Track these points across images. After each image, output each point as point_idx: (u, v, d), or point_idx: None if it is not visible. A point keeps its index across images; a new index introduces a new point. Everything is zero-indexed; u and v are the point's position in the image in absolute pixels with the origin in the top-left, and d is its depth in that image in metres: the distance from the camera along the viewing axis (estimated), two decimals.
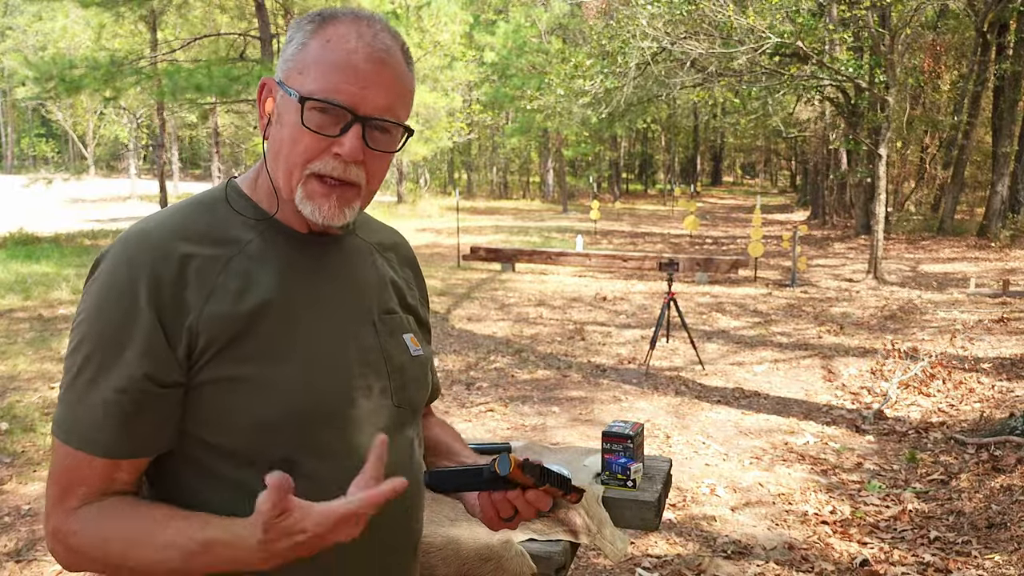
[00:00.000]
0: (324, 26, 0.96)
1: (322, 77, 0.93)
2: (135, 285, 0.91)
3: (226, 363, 0.93)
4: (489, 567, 1.62)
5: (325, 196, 0.96)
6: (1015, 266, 12.96)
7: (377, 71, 0.95)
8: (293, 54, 0.97)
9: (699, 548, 3.42)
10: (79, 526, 0.91)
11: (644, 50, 12.10)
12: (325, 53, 0.94)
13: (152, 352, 0.91)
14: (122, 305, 0.91)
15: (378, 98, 0.95)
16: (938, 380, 6.02)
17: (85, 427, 0.91)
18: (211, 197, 1.03)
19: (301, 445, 0.96)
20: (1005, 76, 17.05)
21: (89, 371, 0.91)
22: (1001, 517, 3.62)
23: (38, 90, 13.37)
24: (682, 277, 11.55)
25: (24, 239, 14.82)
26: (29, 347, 6.90)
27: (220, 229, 0.98)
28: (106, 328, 0.92)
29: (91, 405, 0.91)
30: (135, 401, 0.90)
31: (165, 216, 0.99)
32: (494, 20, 31.12)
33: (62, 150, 49.94)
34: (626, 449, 1.94)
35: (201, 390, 0.93)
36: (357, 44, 0.94)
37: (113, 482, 0.93)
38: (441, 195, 33.16)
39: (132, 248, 0.94)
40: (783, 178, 50.83)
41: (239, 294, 0.95)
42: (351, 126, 0.94)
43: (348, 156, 0.94)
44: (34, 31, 34.41)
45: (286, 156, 0.96)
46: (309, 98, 0.93)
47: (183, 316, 0.92)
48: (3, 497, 3.88)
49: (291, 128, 0.95)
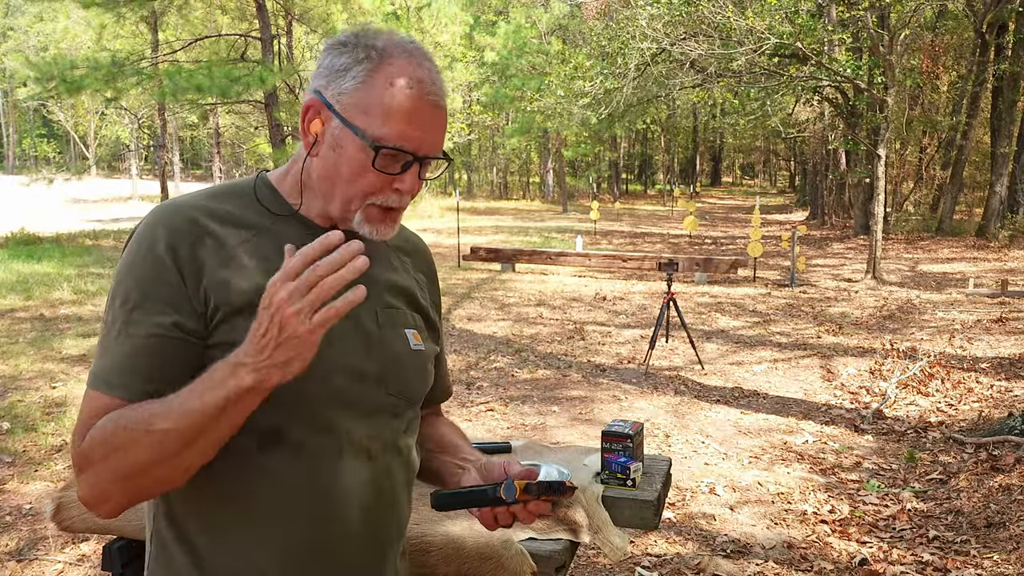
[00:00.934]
0: (383, 65, 1.02)
1: (391, 124, 1.01)
2: (158, 244, 0.99)
3: (231, 330, 0.98)
4: (489, 566, 1.63)
5: (382, 220, 1.07)
6: (1014, 266, 12.97)
7: (436, 116, 1.05)
8: (352, 89, 1.02)
9: (698, 547, 3.44)
10: (95, 432, 0.94)
11: (643, 51, 12.11)
12: (390, 98, 1.01)
13: (178, 301, 0.98)
14: (148, 261, 0.99)
15: (434, 139, 1.05)
16: (937, 380, 6.03)
17: (115, 373, 0.97)
18: (241, 185, 1.11)
19: (291, 416, 1.01)
20: (1004, 76, 17.07)
21: (120, 323, 0.98)
22: (1000, 516, 3.63)
23: (40, 90, 13.37)
24: (681, 277, 11.57)
25: (26, 239, 14.83)
26: (31, 347, 6.91)
27: (242, 214, 1.06)
28: (135, 282, 0.99)
29: (122, 353, 0.97)
30: (162, 346, 0.97)
31: (194, 194, 1.08)
32: (494, 21, 31.13)
33: (63, 150, 49.95)
34: (626, 448, 1.96)
35: (212, 353, 0.97)
36: (420, 91, 1.02)
37: None
38: (441, 195, 33.15)
39: (159, 215, 1.03)
40: (782, 178, 50.85)
41: (251, 269, 1.02)
42: (411, 166, 1.04)
43: (410, 193, 1.06)
44: (35, 32, 34.44)
45: (346, 186, 1.04)
46: (383, 146, 1.01)
47: (200, 276, 0.99)
48: (4, 497, 3.89)
49: (355, 164, 1.03)
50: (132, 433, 0.92)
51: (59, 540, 3.39)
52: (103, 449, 0.93)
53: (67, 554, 3.31)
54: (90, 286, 10.02)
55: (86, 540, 3.39)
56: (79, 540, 3.39)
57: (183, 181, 37.50)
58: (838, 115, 16.06)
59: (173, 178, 30.07)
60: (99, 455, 0.94)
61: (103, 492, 0.95)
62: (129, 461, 0.92)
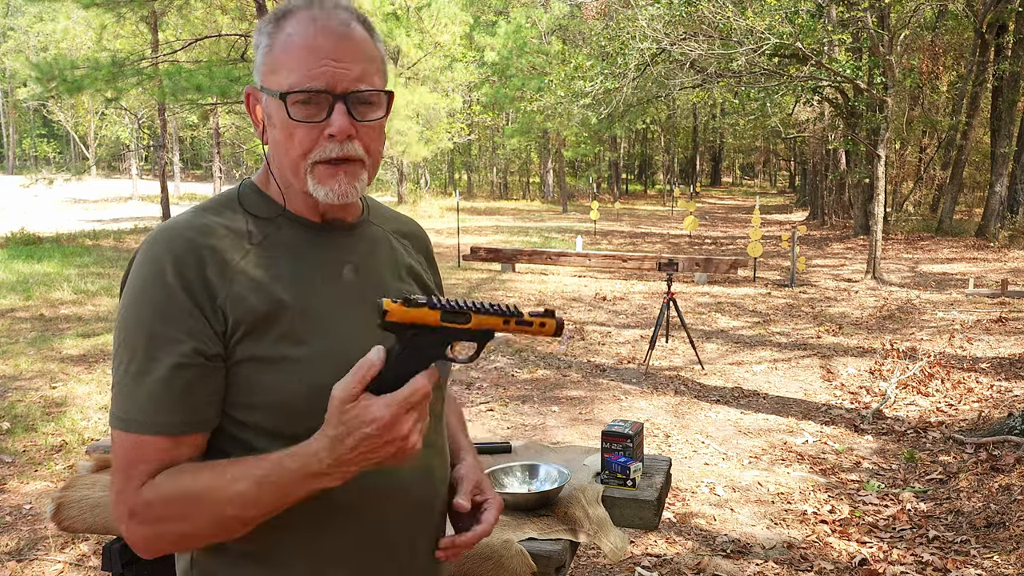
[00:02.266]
0: (281, 23, 1.00)
1: (293, 69, 0.97)
2: (164, 274, 0.96)
3: (254, 344, 0.97)
4: (489, 566, 1.63)
5: (333, 176, 1.00)
6: (1013, 266, 12.97)
7: (340, 45, 0.98)
8: (262, 57, 1.02)
9: (698, 547, 3.44)
10: (151, 494, 0.94)
11: (643, 51, 12.11)
12: (287, 46, 0.98)
13: (195, 328, 0.95)
14: (159, 292, 0.96)
15: (349, 71, 0.98)
16: (937, 380, 6.03)
17: (143, 411, 0.94)
18: (226, 197, 1.08)
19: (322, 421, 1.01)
20: (1004, 77, 17.07)
21: (139, 359, 0.95)
22: (1000, 516, 3.63)
23: (40, 90, 13.37)
24: (681, 277, 11.57)
25: (26, 239, 14.83)
26: (31, 347, 6.91)
27: (236, 224, 1.03)
28: (147, 316, 0.96)
29: (147, 390, 0.94)
30: (189, 376, 0.95)
31: (185, 215, 1.05)
32: (494, 21, 31.12)
33: (64, 151, 49.94)
34: (626, 448, 1.96)
35: (235, 370, 0.97)
36: (314, 27, 0.98)
37: (177, 459, 0.96)
38: (441, 195, 33.16)
39: (157, 244, 0.99)
40: (782, 178, 50.84)
41: (259, 281, 1.00)
42: (334, 105, 0.98)
43: (340, 134, 0.98)
44: (35, 32, 34.43)
45: (286, 153, 1.01)
46: (288, 92, 0.97)
47: (213, 296, 0.97)
48: (4, 496, 3.89)
49: (282, 125, 1.00)
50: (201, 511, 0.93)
51: (59, 540, 3.39)
52: (166, 513, 0.94)
53: (67, 554, 3.31)
54: (90, 286, 10.02)
55: (86, 540, 3.39)
56: (79, 540, 3.39)
57: (183, 181, 37.48)
58: (838, 115, 16.06)
59: (173, 178, 30.06)
60: (160, 516, 0.94)
61: (156, 546, 0.97)
62: (193, 531, 0.95)
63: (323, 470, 0.90)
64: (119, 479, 0.95)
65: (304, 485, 0.92)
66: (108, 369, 6.25)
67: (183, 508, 0.93)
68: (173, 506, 0.94)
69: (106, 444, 2.01)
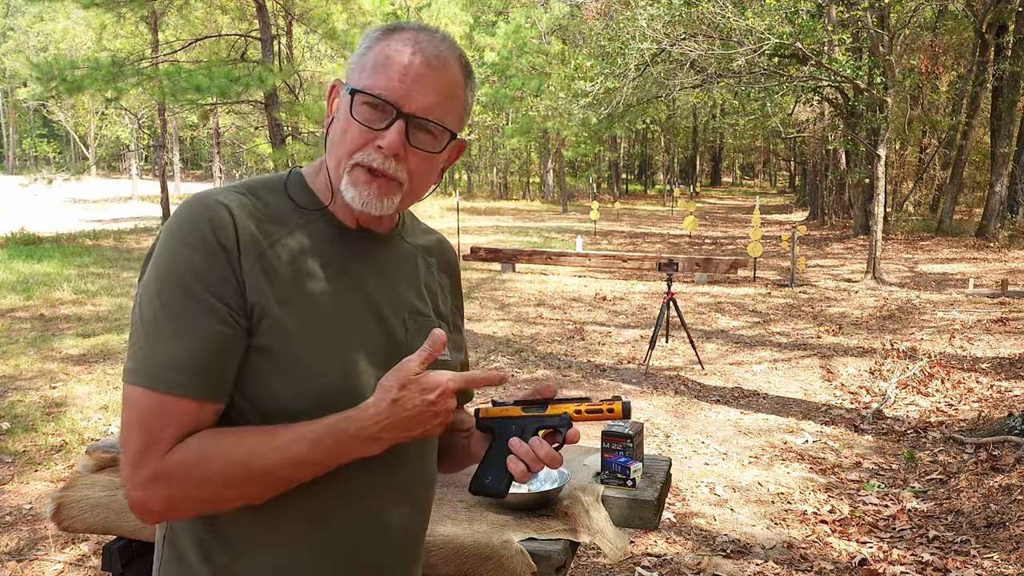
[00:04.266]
0: (390, 34, 1.03)
1: (375, 75, 1.00)
2: (205, 236, 0.96)
3: (265, 332, 0.97)
4: (489, 566, 1.63)
5: (367, 184, 1.01)
6: (1013, 266, 12.97)
7: (426, 73, 1.00)
8: (358, 58, 1.04)
9: (698, 547, 3.44)
10: (186, 454, 0.92)
11: (643, 51, 12.11)
12: (382, 54, 1.01)
13: (230, 292, 0.95)
14: (197, 252, 0.95)
15: (423, 98, 1.00)
16: (936, 380, 6.03)
17: (172, 370, 0.92)
18: (273, 181, 1.08)
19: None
20: (1004, 77, 17.07)
21: (174, 317, 0.93)
22: (999, 516, 3.63)
23: (40, 90, 13.37)
24: (681, 277, 11.57)
25: (26, 239, 14.83)
26: (31, 347, 6.91)
27: (274, 211, 1.04)
28: (187, 275, 0.94)
29: (178, 348, 0.93)
30: (220, 342, 0.94)
31: (229, 187, 1.05)
32: (494, 21, 31.13)
33: (63, 151, 49.96)
34: (626, 448, 1.96)
35: (251, 356, 0.97)
36: (414, 48, 1.00)
37: (201, 424, 0.95)
38: (441, 195, 33.15)
39: (197, 206, 0.99)
40: (782, 178, 50.86)
41: (281, 271, 1.00)
42: (394, 121, 0.99)
43: (388, 149, 0.99)
44: (35, 32, 34.44)
45: (336, 146, 1.03)
46: (358, 91, 1.00)
47: (241, 270, 0.97)
48: (4, 496, 3.89)
49: (343, 120, 1.02)
50: (248, 472, 0.93)
51: (59, 540, 3.39)
52: (202, 476, 0.92)
53: (67, 554, 3.31)
54: (90, 286, 10.02)
55: (86, 540, 3.39)
56: (79, 540, 3.39)
57: (183, 181, 37.50)
58: (838, 115, 16.06)
59: (173, 178, 30.06)
60: (196, 479, 0.92)
61: (175, 510, 0.96)
62: (234, 494, 0.95)
63: (376, 433, 0.96)
64: (139, 439, 0.92)
65: (355, 449, 0.96)
66: (108, 369, 6.25)
67: (226, 473, 0.92)
68: (213, 470, 0.92)
69: (106, 444, 2.01)
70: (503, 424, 1.11)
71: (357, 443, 0.96)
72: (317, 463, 0.96)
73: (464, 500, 1.81)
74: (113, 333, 7.52)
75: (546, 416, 1.11)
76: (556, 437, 1.10)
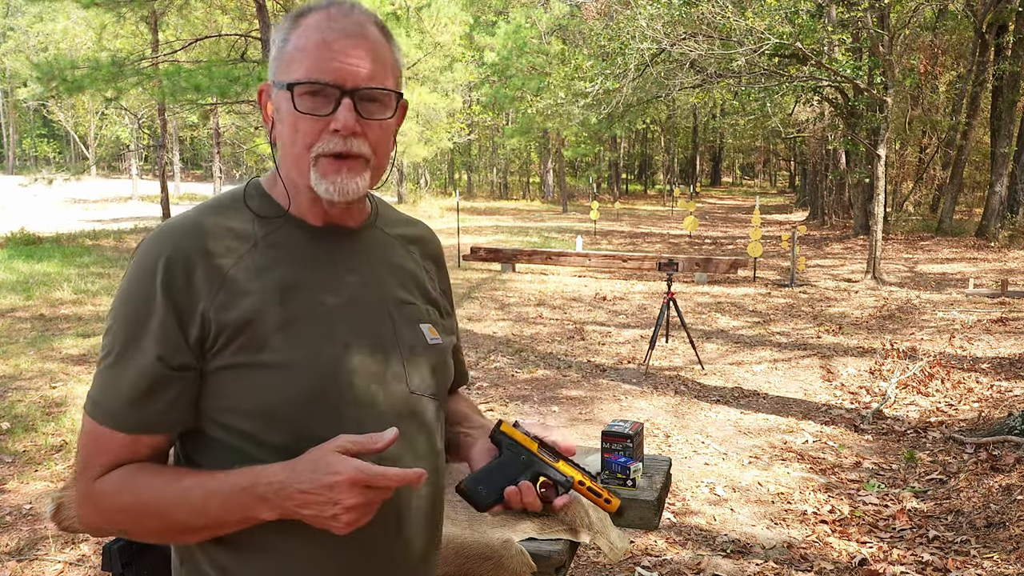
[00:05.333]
0: (299, 20, 1.02)
1: (304, 63, 0.99)
2: (153, 274, 0.98)
3: (240, 351, 0.98)
4: (489, 566, 1.63)
5: (336, 171, 1.00)
6: (1013, 266, 12.97)
7: (353, 44, 0.99)
8: (277, 53, 1.03)
9: (698, 547, 3.44)
10: (107, 484, 0.98)
11: (643, 51, 12.11)
12: (302, 41, 1.00)
13: (164, 337, 0.97)
14: (141, 293, 0.98)
15: (360, 69, 0.99)
16: (936, 380, 6.03)
17: (108, 404, 0.98)
18: (231, 196, 1.09)
19: (314, 425, 0.99)
20: (1004, 76, 17.07)
21: (115, 353, 0.98)
22: (999, 516, 3.63)
23: (40, 90, 13.37)
24: (681, 277, 11.57)
25: (26, 239, 14.83)
26: (31, 346, 6.91)
27: (237, 226, 1.04)
28: (128, 314, 0.99)
29: (114, 383, 0.98)
30: (149, 382, 0.97)
31: (188, 214, 1.06)
32: (494, 21, 31.13)
33: (63, 150, 49.94)
34: (626, 448, 1.96)
35: (219, 375, 0.99)
36: (330, 25, 1.00)
37: (134, 455, 1.00)
38: (441, 195, 33.16)
39: (155, 242, 1.01)
40: (782, 178, 50.85)
41: (251, 287, 1.00)
42: (341, 100, 0.98)
43: (344, 128, 0.98)
44: (35, 32, 34.44)
45: (290, 146, 1.01)
46: (296, 83, 0.98)
47: (195, 303, 0.98)
48: (4, 496, 3.89)
49: (289, 118, 1.00)
50: (148, 510, 0.97)
51: (59, 540, 3.40)
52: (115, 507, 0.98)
53: (67, 554, 3.31)
54: (90, 286, 10.02)
55: (86, 540, 3.39)
56: (79, 540, 3.39)
57: (183, 181, 37.49)
58: (838, 115, 16.06)
59: (173, 178, 30.07)
60: (111, 507, 0.99)
61: (103, 533, 1.03)
62: (140, 528, 1.00)
63: (269, 497, 0.92)
64: (79, 462, 1.00)
65: (245, 506, 0.93)
66: None
67: (132, 507, 0.98)
68: (122, 502, 0.98)
69: None
70: (515, 449, 1.11)
71: (248, 500, 0.93)
72: (211, 514, 0.95)
73: (464, 500, 1.81)
74: None
75: (555, 469, 1.11)
76: (550, 492, 1.10)
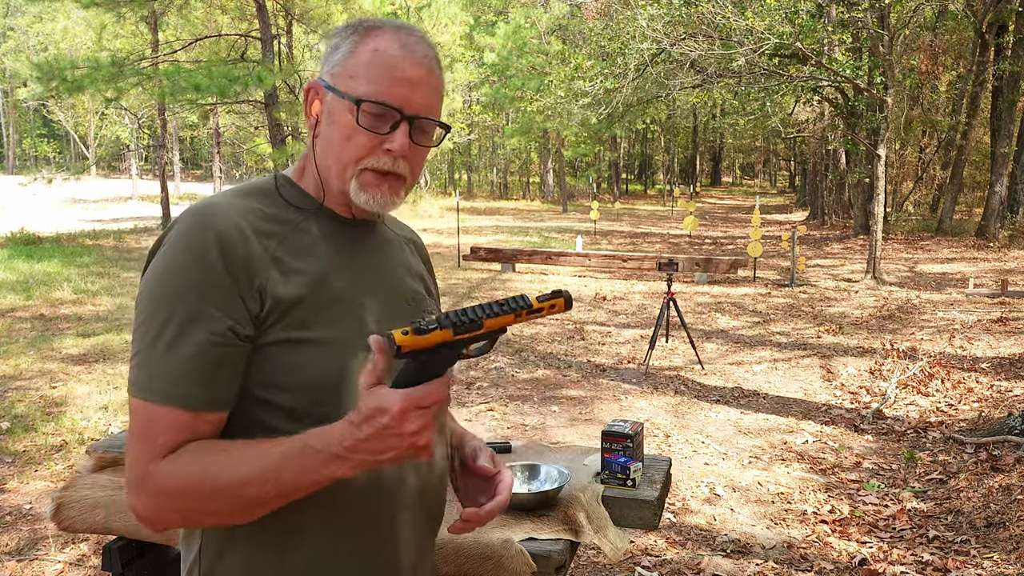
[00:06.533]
0: (369, 35, 1.06)
1: (374, 81, 1.04)
2: (206, 248, 0.98)
3: (287, 325, 1.01)
4: (489, 566, 1.63)
5: (378, 186, 1.07)
6: (1013, 266, 12.97)
7: (421, 75, 1.06)
8: (342, 60, 1.07)
9: (698, 547, 3.44)
10: (172, 465, 0.95)
11: (643, 51, 12.11)
12: (374, 60, 1.05)
13: (232, 307, 0.98)
14: (198, 266, 0.98)
15: (422, 99, 1.07)
16: (936, 380, 6.03)
17: (168, 383, 0.96)
18: (262, 185, 1.12)
19: (348, 402, 1.00)
20: (1004, 76, 17.07)
21: (171, 331, 0.96)
22: (999, 516, 3.63)
23: (40, 90, 13.37)
24: (681, 277, 11.57)
25: (26, 239, 14.83)
26: (31, 346, 6.91)
27: (273, 212, 1.08)
28: (184, 289, 0.97)
29: (175, 362, 0.96)
30: (218, 354, 0.97)
31: (224, 195, 1.08)
32: (494, 21, 31.13)
33: (63, 150, 49.94)
34: (626, 448, 1.96)
35: (266, 351, 1.00)
36: (403, 52, 1.06)
37: (195, 434, 0.98)
38: (441, 195, 33.14)
39: (200, 218, 1.01)
40: (782, 178, 50.85)
41: (296, 266, 1.04)
42: (399, 124, 1.05)
43: (398, 151, 1.05)
44: (35, 32, 34.45)
45: (339, 153, 1.07)
46: (365, 100, 1.03)
47: (252, 277, 1.00)
48: (4, 496, 3.89)
49: (344, 127, 1.05)
50: (219, 488, 0.94)
51: (59, 540, 3.40)
52: (183, 487, 0.95)
53: (67, 554, 3.31)
54: (90, 286, 10.02)
55: (86, 540, 3.39)
56: (79, 540, 3.39)
57: (183, 181, 37.49)
58: (838, 115, 16.06)
59: (173, 178, 30.06)
60: (177, 490, 0.95)
61: (166, 519, 0.98)
62: (209, 509, 0.96)
63: (340, 453, 0.91)
64: (135, 447, 0.96)
65: (323, 468, 0.92)
66: (108, 369, 6.25)
67: (202, 484, 0.94)
68: (195, 485, 0.94)
69: (106, 444, 2.01)
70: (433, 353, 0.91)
71: (325, 462, 0.92)
72: (286, 482, 0.93)
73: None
74: (113, 333, 7.52)
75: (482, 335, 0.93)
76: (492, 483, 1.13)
